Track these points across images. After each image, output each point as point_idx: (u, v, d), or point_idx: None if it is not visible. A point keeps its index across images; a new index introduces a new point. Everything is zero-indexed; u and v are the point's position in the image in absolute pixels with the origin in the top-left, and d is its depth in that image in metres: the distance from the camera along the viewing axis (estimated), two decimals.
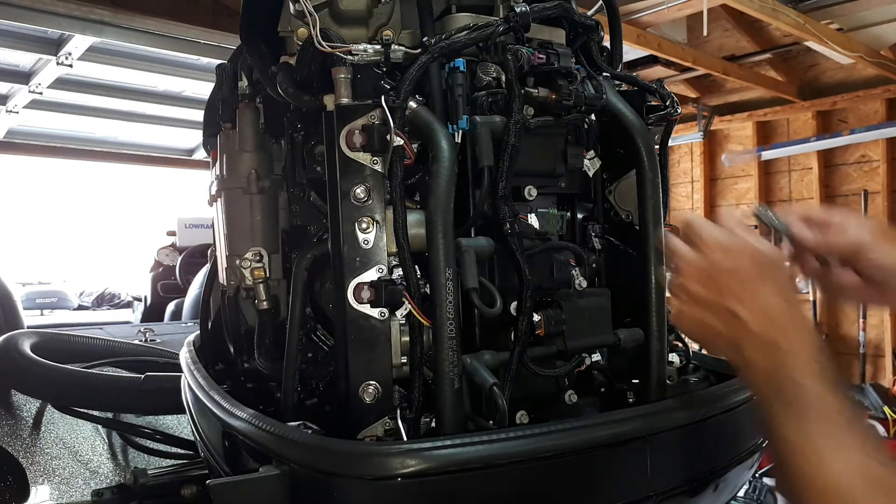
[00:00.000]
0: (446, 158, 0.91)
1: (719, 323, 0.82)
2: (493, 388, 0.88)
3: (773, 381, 0.79)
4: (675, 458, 0.96)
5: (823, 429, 0.74)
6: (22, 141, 5.91)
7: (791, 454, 0.76)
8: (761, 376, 0.80)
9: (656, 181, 1.03)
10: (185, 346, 1.39)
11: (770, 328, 0.80)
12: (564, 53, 1.01)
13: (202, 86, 4.72)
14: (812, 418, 0.75)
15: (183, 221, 6.93)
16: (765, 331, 0.80)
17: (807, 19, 4.60)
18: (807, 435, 0.75)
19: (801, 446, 0.75)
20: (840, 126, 6.53)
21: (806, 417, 0.75)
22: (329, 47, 0.94)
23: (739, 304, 0.81)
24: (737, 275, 0.82)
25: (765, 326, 0.80)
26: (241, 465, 1.01)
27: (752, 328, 0.80)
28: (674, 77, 6.19)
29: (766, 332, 0.80)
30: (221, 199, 1.22)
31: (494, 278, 0.99)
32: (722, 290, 0.82)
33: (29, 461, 1.87)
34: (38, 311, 10.05)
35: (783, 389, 0.77)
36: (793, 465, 0.75)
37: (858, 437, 0.74)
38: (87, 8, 3.34)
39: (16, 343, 1.94)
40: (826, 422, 0.74)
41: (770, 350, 0.79)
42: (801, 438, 0.75)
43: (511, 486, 0.86)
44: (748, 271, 0.82)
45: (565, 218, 1.07)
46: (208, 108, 1.33)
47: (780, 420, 0.77)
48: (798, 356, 0.78)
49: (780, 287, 0.82)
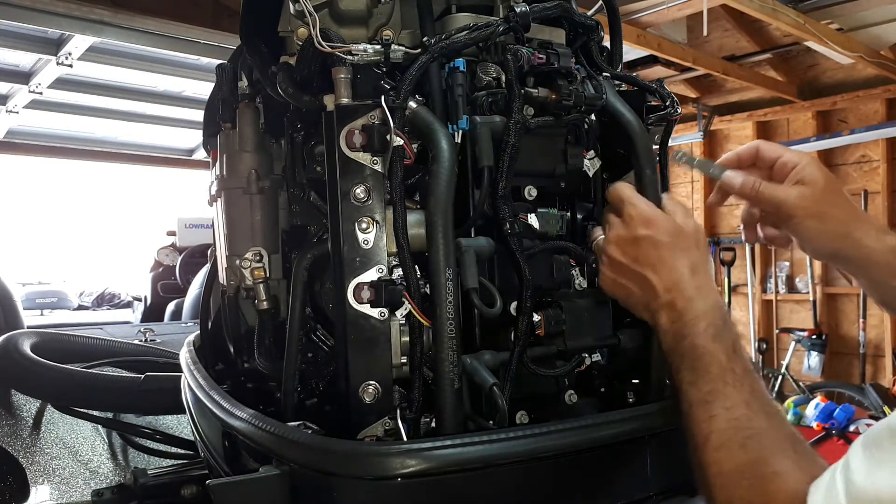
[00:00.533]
0: (446, 158, 0.91)
1: (635, 286, 0.92)
2: (493, 388, 0.88)
3: (678, 344, 0.87)
4: (675, 458, 0.96)
5: (718, 388, 0.82)
6: (22, 141, 5.91)
7: (689, 412, 0.83)
8: (670, 339, 0.89)
9: (655, 178, 1.03)
10: (185, 346, 1.39)
11: (676, 295, 0.88)
12: (564, 53, 1.00)
13: (202, 86, 4.72)
14: (707, 379, 0.83)
15: (183, 221, 6.93)
16: (671, 297, 0.89)
17: (807, 19, 4.60)
18: (702, 394, 0.82)
19: (697, 405, 0.82)
20: (840, 126, 6.53)
21: (703, 378, 0.83)
22: (329, 47, 0.94)
23: (652, 272, 0.90)
24: (654, 245, 0.90)
25: (672, 293, 0.89)
26: (241, 465, 1.01)
27: (660, 294, 0.89)
28: (674, 77, 6.19)
29: (672, 298, 0.89)
30: (221, 199, 1.22)
31: (494, 278, 0.99)
32: (639, 258, 0.91)
33: (29, 461, 1.87)
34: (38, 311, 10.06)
35: (685, 352, 0.86)
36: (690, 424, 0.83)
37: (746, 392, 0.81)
38: (87, 8, 3.34)
39: (16, 343, 1.94)
40: (718, 381, 0.82)
41: (675, 315, 0.88)
42: (697, 397, 0.83)
43: (511, 486, 0.86)
44: (664, 243, 0.90)
45: (565, 218, 1.07)
46: (208, 108, 1.33)
47: (683, 380, 0.86)
48: (699, 321, 0.86)
49: (692, 260, 0.90)
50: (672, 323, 0.89)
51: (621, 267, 0.93)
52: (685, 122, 6.99)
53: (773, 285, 6.98)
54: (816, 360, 6.38)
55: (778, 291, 6.96)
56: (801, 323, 6.76)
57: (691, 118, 7.05)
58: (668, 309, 0.89)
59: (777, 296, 6.99)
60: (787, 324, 6.92)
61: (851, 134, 6.29)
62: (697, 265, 0.90)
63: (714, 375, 0.83)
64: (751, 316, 7.00)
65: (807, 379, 6.41)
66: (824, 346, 6.35)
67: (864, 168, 6.40)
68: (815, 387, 5.95)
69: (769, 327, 7.12)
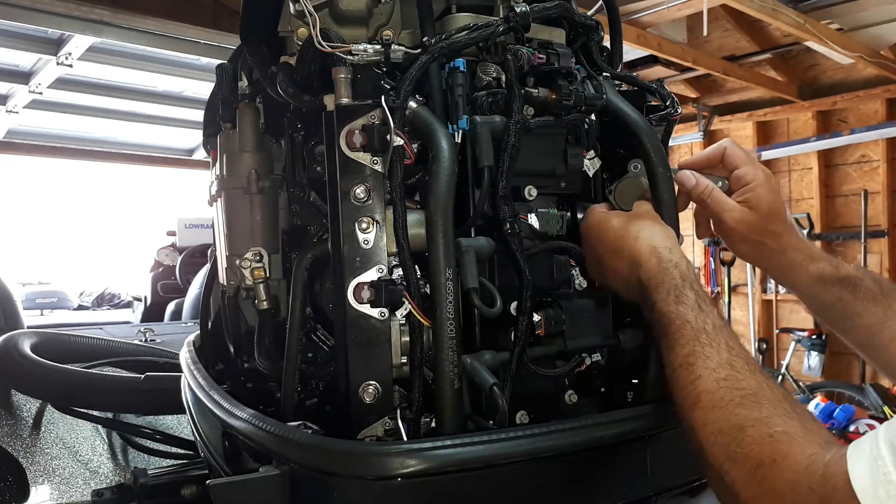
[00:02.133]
0: (446, 158, 0.91)
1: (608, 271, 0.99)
2: (493, 388, 0.88)
3: (650, 314, 0.90)
4: (675, 458, 0.96)
5: (696, 349, 0.83)
6: (22, 141, 5.91)
7: (672, 377, 0.85)
8: (646, 312, 0.92)
9: (668, 176, 1.04)
10: (185, 346, 1.38)
11: (640, 270, 0.93)
12: (564, 53, 1.00)
13: (202, 86, 4.72)
14: (682, 342, 0.84)
15: (183, 221, 6.93)
16: (637, 273, 0.94)
17: (807, 19, 4.60)
18: (680, 358, 0.84)
19: (680, 368, 0.83)
20: (840, 126, 6.53)
21: (678, 342, 0.85)
22: (329, 47, 0.94)
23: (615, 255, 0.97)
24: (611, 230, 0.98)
25: (636, 270, 0.94)
26: (241, 465, 1.01)
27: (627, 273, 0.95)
28: (674, 77, 6.19)
29: (637, 274, 0.94)
30: (221, 199, 1.22)
31: (494, 278, 0.99)
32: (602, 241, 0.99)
33: (29, 461, 1.87)
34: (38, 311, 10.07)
35: (657, 320, 0.89)
36: (676, 387, 0.84)
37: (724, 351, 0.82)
38: (87, 8, 3.34)
39: (16, 343, 1.94)
40: (694, 343, 0.83)
41: (642, 287, 0.92)
42: (677, 361, 0.84)
43: (511, 486, 0.86)
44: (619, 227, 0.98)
45: (565, 218, 1.06)
46: (208, 108, 1.33)
47: (662, 348, 0.88)
48: (660, 288, 0.90)
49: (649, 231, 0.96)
50: (642, 297, 0.93)
51: (595, 255, 1.01)
52: (685, 122, 6.99)
53: (773, 285, 6.98)
54: (816, 360, 6.38)
55: (778, 291, 6.95)
56: (800, 323, 6.76)
57: (691, 118, 7.05)
58: (637, 284, 0.93)
59: (777, 296, 6.98)
60: (786, 324, 6.92)
61: (851, 134, 6.29)
62: (655, 235, 0.96)
63: (688, 338, 0.84)
64: (751, 316, 7.00)
65: (807, 379, 6.41)
66: (824, 346, 6.35)
67: (864, 168, 6.40)
68: (816, 387, 5.95)
69: (769, 327, 7.12)
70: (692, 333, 0.84)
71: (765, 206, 1.05)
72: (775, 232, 1.07)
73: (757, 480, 0.71)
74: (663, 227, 0.99)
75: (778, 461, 0.70)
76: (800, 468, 0.68)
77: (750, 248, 1.08)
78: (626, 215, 1.01)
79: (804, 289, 1.10)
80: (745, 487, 0.72)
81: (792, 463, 0.69)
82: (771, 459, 0.70)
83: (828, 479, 0.66)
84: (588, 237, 1.03)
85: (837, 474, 0.66)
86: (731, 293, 7.11)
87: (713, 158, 1.11)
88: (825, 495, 0.66)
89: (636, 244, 0.95)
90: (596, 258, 1.02)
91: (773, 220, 1.06)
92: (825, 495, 0.66)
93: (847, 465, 0.66)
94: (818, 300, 1.10)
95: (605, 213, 1.03)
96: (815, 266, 1.08)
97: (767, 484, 0.70)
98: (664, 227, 0.99)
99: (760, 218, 1.05)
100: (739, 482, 0.73)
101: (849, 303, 1.05)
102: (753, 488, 0.71)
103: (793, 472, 0.69)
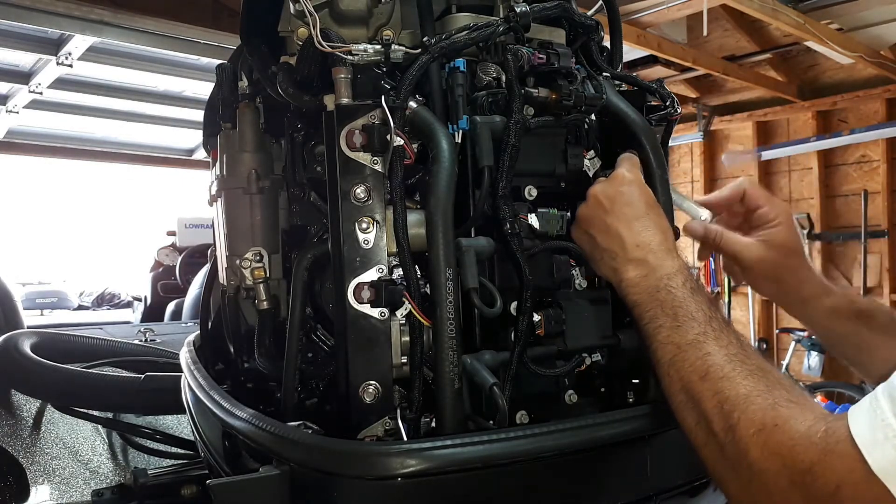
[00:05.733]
0: (446, 158, 0.91)
1: (602, 238, 0.97)
2: (493, 388, 0.88)
3: (652, 295, 0.91)
4: (675, 458, 0.96)
5: (707, 331, 0.85)
6: (22, 141, 5.91)
7: (677, 355, 0.85)
8: (640, 291, 0.93)
9: (666, 177, 1.04)
10: (185, 346, 1.38)
11: (647, 252, 0.93)
12: (564, 53, 1.00)
13: (202, 86, 4.72)
14: (694, 324, 0.86)
15: (183, 221, 6.93)
16: (643, 254, 0.94)
17: (807, 19, 4.60)
18: (691, 336, 0.85)
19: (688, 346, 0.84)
20: (840, 126, 6.53)
21: (688, 323, 0.86)
22: (329, 47, 0.94)
23: (625, 227, 0.95)
24: (629, 203, 0.96)
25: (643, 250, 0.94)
26: (241, 465, 1.01)
27: (629, 248, 0.94)
28: (674, 77, 6.20)
29: (643, 255, 0.94)
30: (221, 199, 1.22)
31: (494, 278, 0.99)
32: (614, 210, 0.96)
33: (29, 461, 1.87)
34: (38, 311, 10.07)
35: (664, 301, 0.90)
36: (678, 363, 0.85)
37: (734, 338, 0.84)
38: (87, 8, 3.35)
39: (16, 343, 1.94)
40: (706, 325, 0.85)
41: (647, 269, 0.93)
42: (686, 339, 0.85)
43: (511, 486, 0.86)
44: (638, 204, 0.96)
45: (565, 218, 1.06)
46: (208, 108, 1.33)
47: (663, 327, 0.88)
48: (676, 276, 0.91)
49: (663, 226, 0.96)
50: (644, 277, 0.93)
51: (594, 218, 0.98)
52: (685, 122, 7.00)
53: None
54: (816, 360, 6.38)
55: None
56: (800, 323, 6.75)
57: (691, 118, 7.06)
58: (638, 264, 0.94)
59: None
60: (787, 324, 6.91)
61: (851, 134, 6.29)
62: (667, 232, 0.97)
63: (701, 321, 0.86)
64: (751, 316, 7.00)
65: (807, 379, 6.41)
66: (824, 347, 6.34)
67: (864, 168, 6.40)
68: (816, 387, 5.95)
69: (769, 327, 7.12)
70: (705, 319, 0.86)
71: (785, 243, 1.08)
72: (793, 266, 1.08)
73: (760, 442, 0.73)
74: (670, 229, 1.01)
75: (780, 424, 0.73)
76: (802, 428, 0.71)
77: (770, 284, 1.10)
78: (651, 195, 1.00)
79: (819, 322, 1.11)
80: (749, 450, 0.74)
81: (794, 424, 0.72)
82: (773, 423, 0.73)
83: (830, 434, 0.69)
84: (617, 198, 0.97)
85: (839, 429, 0.69)
86: (731, 293, 7.11)
87: (732, 199, 1.13)
88: (826, 447, 0.69)
89: (649, 225, 0.96)
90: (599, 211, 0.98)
91: (792, 256, 1.08)
92: (826, 447, 0.69)
93: (848, 420, 0.69)
94: (834, 333, 1.11)
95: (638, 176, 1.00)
96: (829, 300, 1.09)
97: (771, 443, 0.72)
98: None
99: (781, 254, 1.07)
100: (742, 444, 0.75)
101: (864, 336, 1.07)
102: (757, 450, 0.73)
103: (795, 430, 0.72)
